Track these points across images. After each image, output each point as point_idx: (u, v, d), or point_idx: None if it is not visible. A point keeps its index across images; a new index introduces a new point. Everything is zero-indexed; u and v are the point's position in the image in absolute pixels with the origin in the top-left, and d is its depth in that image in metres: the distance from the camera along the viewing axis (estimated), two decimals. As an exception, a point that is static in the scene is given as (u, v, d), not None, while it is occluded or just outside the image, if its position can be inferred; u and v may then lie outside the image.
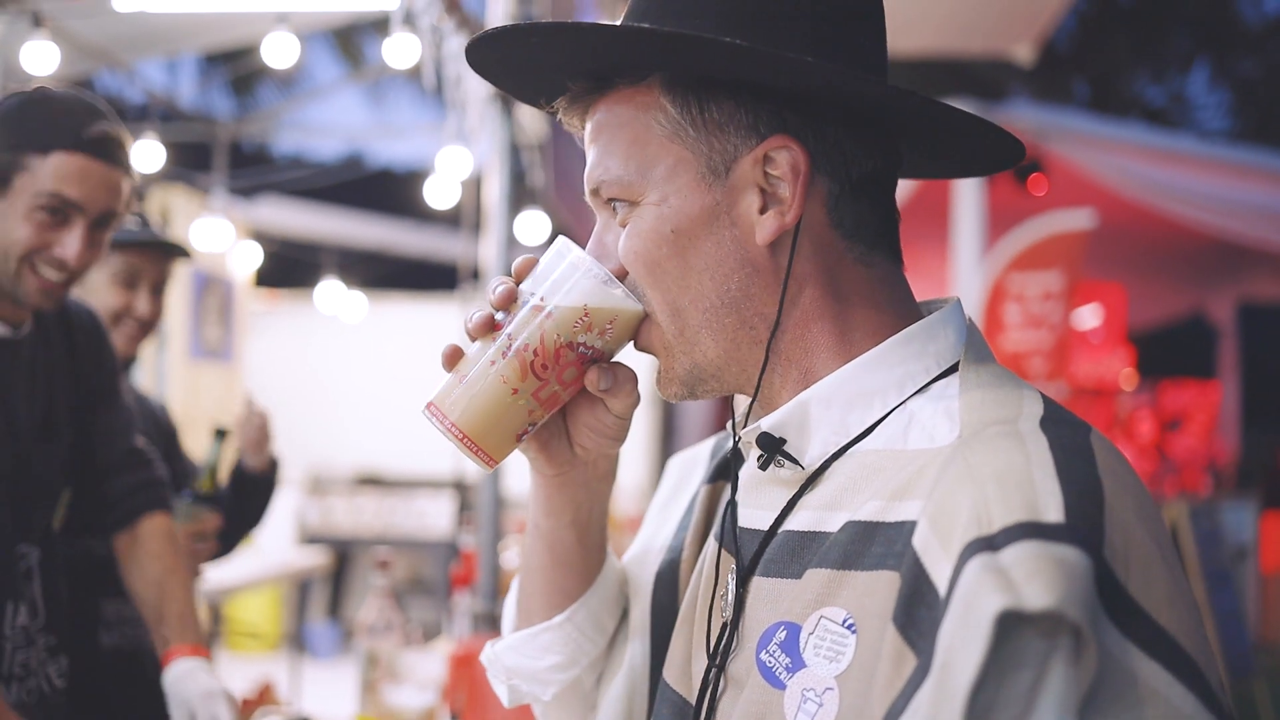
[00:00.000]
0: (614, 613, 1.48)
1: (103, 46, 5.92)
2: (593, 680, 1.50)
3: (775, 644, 1.11)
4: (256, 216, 9.16)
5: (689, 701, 1.26)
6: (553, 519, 1.40)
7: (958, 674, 0.89)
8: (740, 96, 1.16)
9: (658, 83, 1.19)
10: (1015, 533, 0.93)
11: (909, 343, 1.19)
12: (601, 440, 1.31)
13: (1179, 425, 10.64)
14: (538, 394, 1.22)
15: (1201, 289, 11.39)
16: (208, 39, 6.99)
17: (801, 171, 1.15)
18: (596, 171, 1.23)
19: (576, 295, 1.20)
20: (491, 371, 1.21)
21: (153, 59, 8.56)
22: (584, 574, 1.45)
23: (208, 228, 7.34)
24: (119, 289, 3.24)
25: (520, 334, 1.21)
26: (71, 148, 2.26)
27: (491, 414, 1.21)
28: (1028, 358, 7.69)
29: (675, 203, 1.18)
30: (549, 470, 1.35)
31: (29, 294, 2.29)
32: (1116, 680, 0.91)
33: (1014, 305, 7.75)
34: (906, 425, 1.15)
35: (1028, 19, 7.03)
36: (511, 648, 1.49)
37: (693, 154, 1.17)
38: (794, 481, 1.20)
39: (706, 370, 1.22)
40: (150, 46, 6.75)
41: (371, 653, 3.30)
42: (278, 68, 4.99)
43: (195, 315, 7.89)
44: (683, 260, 1.18)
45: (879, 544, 1.06)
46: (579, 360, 1.22)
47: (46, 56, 4.50)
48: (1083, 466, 1.00)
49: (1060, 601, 0.88)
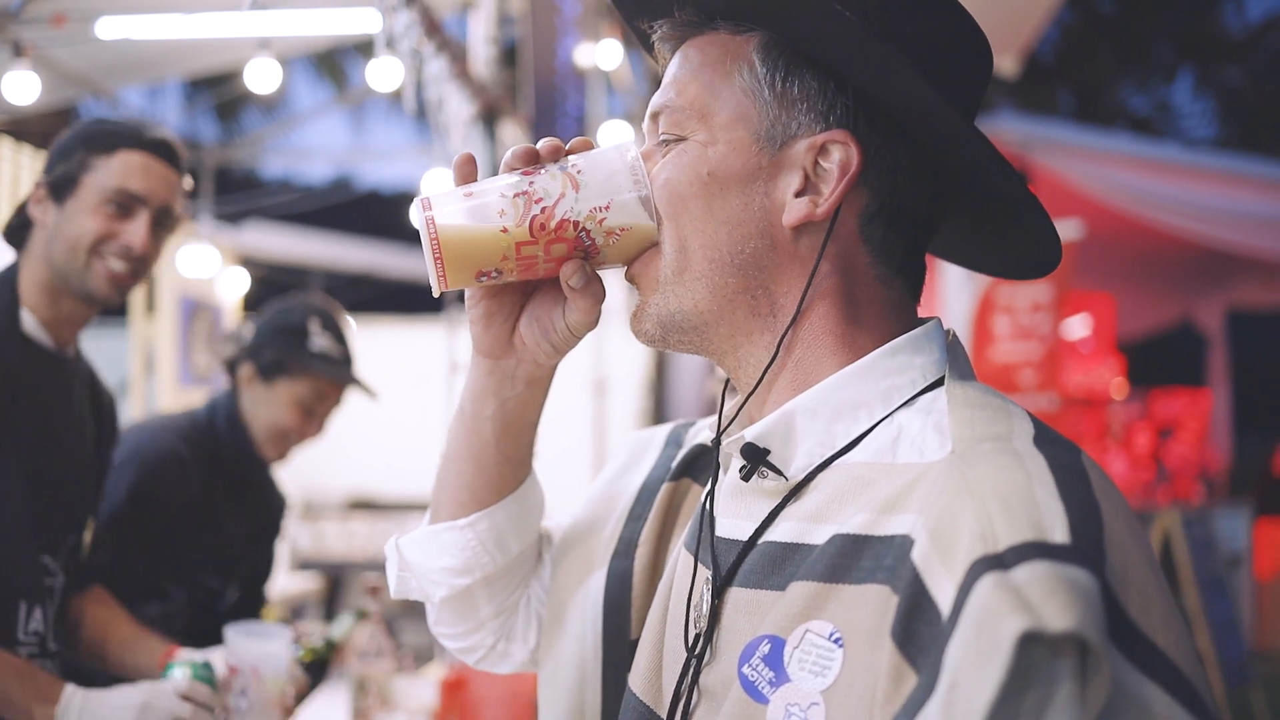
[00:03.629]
0: (520, 537, 1.47)
1: (85, 74, 5.90)
2: (486, 597, 1.49)
3: (758, 657, 1.10)
4: (243, 242, 9.14)
5: (657, 714, 1.25)
6: (475, 405, 1.40)
7: (972, 694, 0.88)
8: (825, 81, 1.17)
9: (756, 38, 1.20)
10: (1024, 552, 0.92)
11: (895, 355, 1.19)
12: (542, 342, 1.32)
13: (1171, 434, 10.63)
14: (520, 247, 1.21)
15: (1190, 297, 11.40)
16: (191, 64, 6.98)
17: (850, 172, 1.16)
18: (665, 96, 1.24)
19: (610, 189, 1.21)
20: (496, 200, 1.21)
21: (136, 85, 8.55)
22: (496, 482, 1.44)
23: (194, 254, 7.32)
24: (297, 411, 3.39)
25: (541, 186, 1.21)
26: (134, 146, 2.45)
27: (473, 237, 1.21)
28: (1018, 369, 7.69)
29: (722, 150, 1.19)
30: (482, 345, 1.35)
31: (97, 284, 2.42)
32: (1120, 704, 0.90)
33: (1003, 317, 7.74)
34: (895, 438, 1.14)
35: (1010, 31, 7.05)
36: (413, 542, 1.49)
37: (758, 115, 1.19)
38: (777, 492, 1.19)
39: (689, 320, 1.22)
40: (133, 73, 6.73)
41: (362, 679, 3.27)
42: (260, 93, 4.98)
43: (184, 342, 7.86)
44: (708, 205, 1.19)
45: (868, 557, 1.05)
46: (573, 244, 1.22)
47: (28, 86, 4.48)
48: (1080, 487, 1.00)
49: (1080, 623, 0.87)
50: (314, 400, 3.39)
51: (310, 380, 3.36)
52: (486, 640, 1.52)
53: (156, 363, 7.81)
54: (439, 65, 4.08)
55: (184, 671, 2.37)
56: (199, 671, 2.38)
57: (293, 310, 3.48)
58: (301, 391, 3.37)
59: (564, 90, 6.27)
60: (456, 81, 4.29)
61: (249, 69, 4.70)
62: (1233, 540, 8.44)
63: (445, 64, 4.13)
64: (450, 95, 4.25)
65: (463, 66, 4.33)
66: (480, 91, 4.46)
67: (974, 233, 1.32)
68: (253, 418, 3.38)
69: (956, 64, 1.21)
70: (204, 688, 2.33)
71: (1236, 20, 20.18)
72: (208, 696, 2.31)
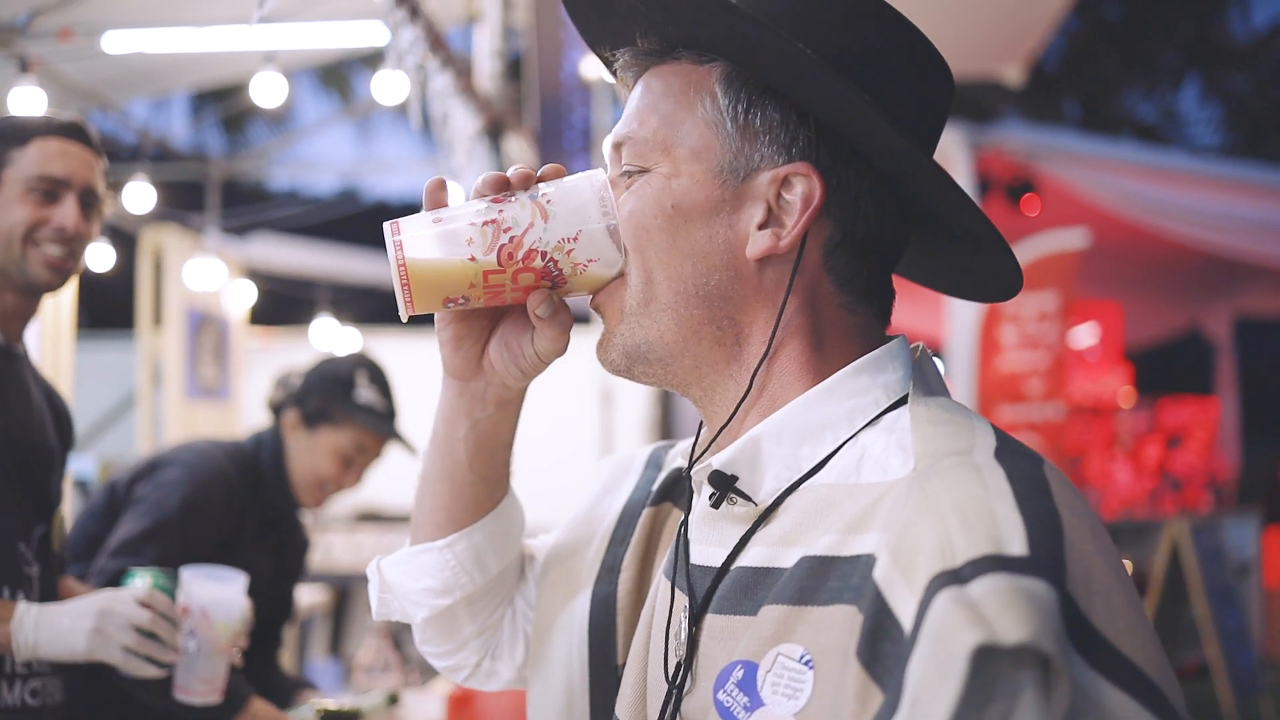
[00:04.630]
0: (500, 556, 1.47)
1: (92, 87, 5.91)
2: (469, 616, 1.49)
3: (733, 683, 1.11)
4: (250, 254, 9.14)
5: None
6: (447, 427, 1.41)
7: (932, 710, 0.88)
8: (787, 113, 1.18)
9: (719, 69, 1.20)
10: (981, 565, 0.92)
11: (857, 376, 1.19)
12: (510, 366, 1.32)
13: (1179, 442, 10.62)
14: (488, 276, 1.21)
15: (1197, 305, 11.39)
16: (197, 77, 7.00)
17: (813, 205, 1.16)
18: (628, 127, 1.24)
19: (579, 219, 1.21)
20: (465, 228, 1.21)
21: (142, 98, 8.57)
22: (472, 502, 1.44)
23: (202, 267, 7.33)
24: (337, 461, 3.43)
25: (511, 215, 1.21)
26: (47, 134, 2.47)
27: (440, 264, 1.21)
28: (1025, 378, 7.68)
29: (685, 183, 1.19)
30: (452, 367, 1.36)
31: (37, 271, 2.43)
32: (1085, 712, 0.90)
33: (1010, 326, 7.74)
34: (859, 459, 1.15)
35: (1016, 40, 7.05)
36: (394, 563, 1.50)
37: (720, 147, 1.19)
38: (747, 518, 1.19)
39: (655, 351, 1.22)
40: (140, 86, 6.75)
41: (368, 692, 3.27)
42: (267, 107, 4.98)
43: (191, 355, 7.86)
44: (672, 237, 1.19)
45: (835, 578, 1.06)
46: (540, 273, 1.22)
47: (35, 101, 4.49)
48: (1040, 498, 1.00)
49: (1035, 635, 0.87)
50: (354, 451, 3.42)
51: (353, 431, 3.39)
52: (471, 659, 1.52)
53: (163, 375, 7.82)
54: (444, 81, 4.08)
55: (144, 580, 2.40)
56: (159, 580, 2.40)
57: (342, 361, 3.53)
58: (343, 442, 3.40)
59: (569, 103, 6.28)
60: (461, 96, 4.29)
61: (255, 83, 4.71)
62: (1241, 549, 8.42)
63: (450, 79, 4.14)
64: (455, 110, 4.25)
65: (468, 81, 4.34)
66: (485, 106, 4.47)
67: (939, 257, 1.33)
68: (294, 464, 3.42)
69: (916, 94, 1.22)
70: (163, 596, 2.36)
71: (1242, 27, 20.16)
72: (167, 606, 2.35)
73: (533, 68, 5.48)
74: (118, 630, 2.28)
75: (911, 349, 1.25)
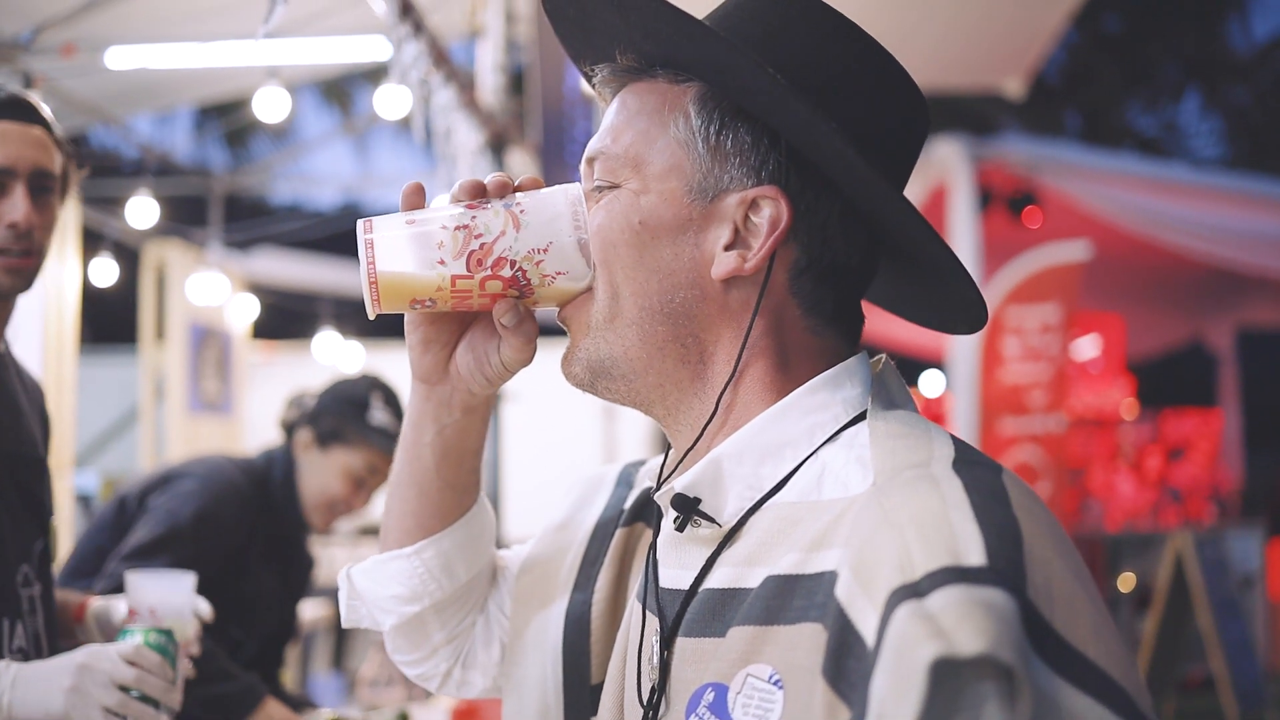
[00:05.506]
0: (469, 564, 1.48)
1: (95, 102, 5.93)
2: (438, 623, 1.49)
3: (704, 706, 1.11)
4: (252, 268, 9.16)
5: None
6: (415, 431, 1.41)
7: None
8: (758, 136, 1.18)
9: (694, 90, 1.21)
10: (939, 578, 0.93)
11: (815, 393, 1.20)
12: (476, 373, 1.33)
13: (1182, 454, 10.61)
14: (456, 280, 1.21)
15: (1199, 317, 11.39)
16: (200, 92, 7.02)
17: (779, 229, 1.17)
18: (600, 142, 1.25)
19: (551, 231, 1.21)
20: (436, 231, 1.22)
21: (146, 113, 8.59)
22: (440, 509, 1.45)
23: (204, 282, 7.34)
24: (348, 481, 3.42)
25: (483, 222, 1.22)
26: None
27: (409, 266, 1.21)
28: (1028, 390, 7.68)
29: (654, 200, 1.20)
30: (419, 370, 1.36)
31: None
32: (1051, 718, 0.90)
33: (1012, 338, 7.74)
34: (820, 475, 1.15)
35: (1017, 53, 7.06)
36: (363, 571, 1.50)
37: (691, 166, 1.19)
38: (712, 539, 1.20)
39: (619, 367, 1.23)
40: (143, 101, 6.78)
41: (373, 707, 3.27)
42: (270, 122, 4.99)
43: (194, 369, 7.87)
44: (639, 254, 1.20)
45: (800, 596, 1.06)
46: (509, 282, 1.22)
47: (38, 116, 4.50)
48: (998, 507, 1.01)
49: (992, 645, 0.88)
50: (366, 472, 3.43)
51: (366, 452, 3.39)
52: (440, 666, 1.52)
53: (166, 390, 7.83)
54: (447, 95, 4.09)
55: (136, 638, 2.14)
56: (150, 638, 2.15)
57: (356, 382, 3.53)
58: (355, 462, 3.41)
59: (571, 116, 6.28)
60: (464, 110, 4.30)
61: (258, 98, 4.72)
62: (1246, 561, 8.40)
63: (453, 93, 4.15)
64: (458, 124, 4.26)
65: (471, 95, 4.35)
66: (488, 120, 4.48)
67: (908, 286, 1.34)
68: (305, 483, 3.42)
69: (887, 123, 1.23)
70: (153, 654, 2.09)
71: (1243, 39, 20.17)
72: (157, 664, 2.08)
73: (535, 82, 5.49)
74: (98, 689, 2.01)
75: (873, 361, 1.26)
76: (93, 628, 2.46)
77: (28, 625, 2.27)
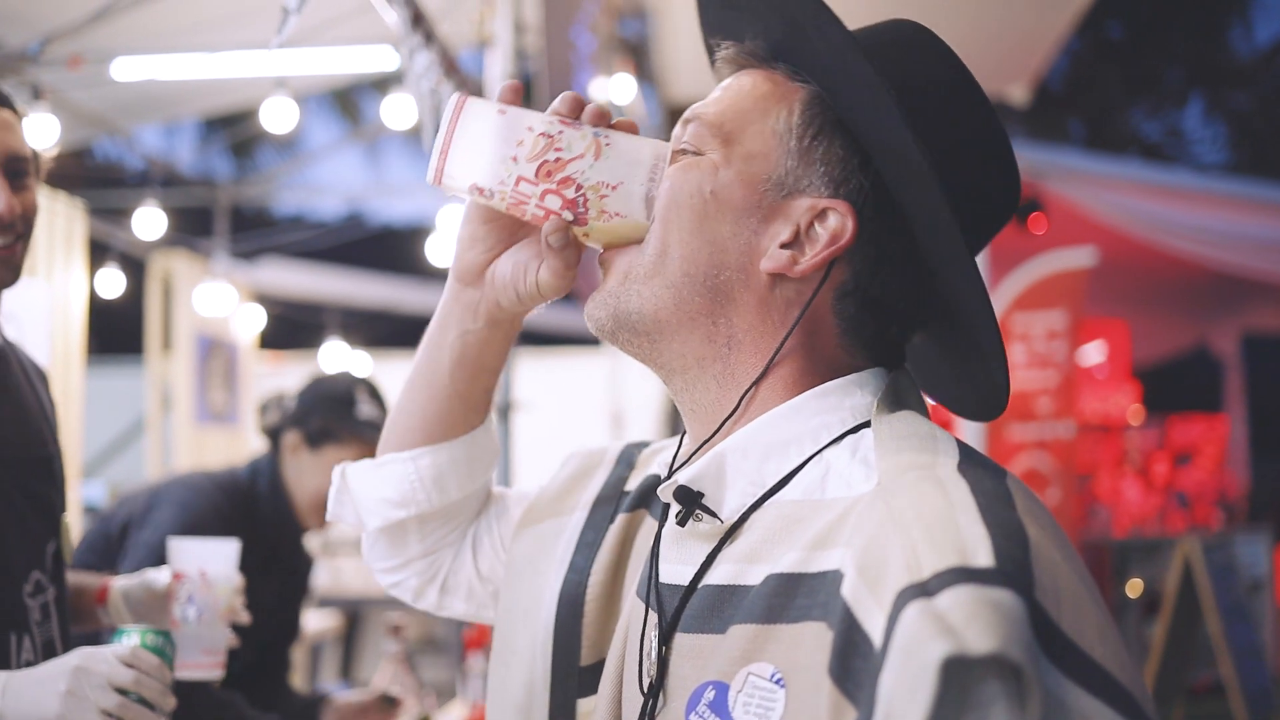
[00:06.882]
0: (461, 484, 1.49)
1: (101, 114, 5.95)
2: (418, 535, 1.51)
3: (704, 704, 1.11)
4: (259, 279, 9.16)
5: None
6: (439, 331, 1.44)
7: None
8: (850, 154, 1.20)
9: (805, 91, 1.23)
10: (948, 578, 0.93)
11: (825, 396, 1.21)
12: (509, 286, 1.34)
13: (1188, 460, 10.60)
14: (520, 182, 1.23)
15: (1204, 322, 11.38)
16: (207, 103, 7.03)
17: (838, 244, 1.18)
18: (704, 108, 1.26)
19: (626, 174, 1.23)
20: (522, 129, 1.24)
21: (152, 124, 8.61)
22: (446, 416, 1.47)
23: (210, 292, 7.35)
24: None
25: (568, 139, 1.24)
26: None
27: (483, 150, 1.23)
28: (1035, 397, 7.68)
29: (731, 177, 1.21)
30: (458, 266, 1.39)
31: None
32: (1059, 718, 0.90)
33: (1019, 345, 7.73)
34: (824, 475, 1.16)
35: (1020, 60, 7.07)
36: (359, 470, 1.52)
37: (777, 158, 1.21)
38: (713, 535, 1.20)
39: (645, 323, 1.24)
40: (149, 112, 6.79)
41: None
42: (277, 132, 5.01)
43: (200, 380, 7.88)
44: (700, 221, 1.21)
45: (802, 595, 1.07)
46: (567, 203, 1.24)
47: (47, 129, 4.52)
48: (1004, 510, 1.01)
49: (1003, 644, 0.88)
50: None
51: (358, 447, 3.38)
52: (412, 581, 1.54)
53: (173, 400, 7.84)
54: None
55: (132, 639, 2.08)
56: (147, 639, 2.09)
57: (337, 379, 3.52)
58: (348, 458, 3.37)
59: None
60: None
61: (266, 108, 4.74)
62: (1253, 566, 8.39)
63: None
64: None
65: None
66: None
67: (936, 359, 1.35)
68: (296, 486, 3.40)
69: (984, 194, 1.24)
70: (151, 656, 2.03)
71: (1245, 45, 20.17)
72: (155, 666, 2.01)
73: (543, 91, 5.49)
74: (94, 691, 1.94)
75: (893, 378, 1.26)
76: (120, 607, 2.42)
77: (39, 634, 2.23)
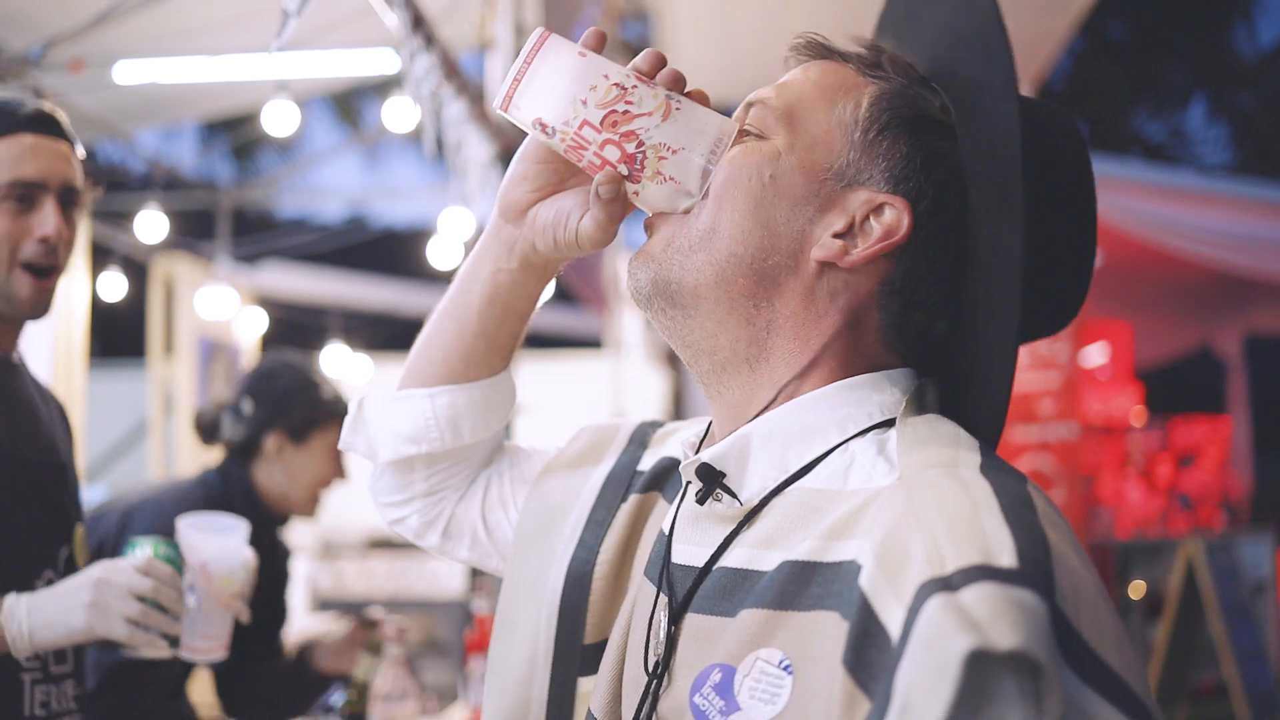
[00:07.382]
0: (475, 428, 1.49)
1: (103, 117, 5.94)
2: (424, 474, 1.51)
3: (710, 686, 1.11)
4: (261, 282, 9.16)
5: None
6: (474, 265, 1.44)
7: (924, 715, 0.88)
8: (914, 154, 1.20)
9: (876, 87, 1.23)
10: (972, 574, 0.92)
11: (854, 389, 1.21)
12: (549, 229, 1.34)
13: (1191, 461, 10.59)
14: (584, 125, 1.24)
15: (1207, 323, 11.36)
16: (208, 106, 7.02)
17: (891, 239, 1.18)
18: (771, 92, 1.26)
19: (689, 142, 1.23)
20: (597, 75, 1.24)
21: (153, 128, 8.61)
22: (469, 355, 1.47)
23: (213, 295, 7.35)
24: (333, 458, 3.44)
25: (641, 94, 1.24)
26: (12, 130, 2.20)
27: (557, 89, 1.24)
28: (1037, 399, 7.67)
29: (793, 163, 1.21)
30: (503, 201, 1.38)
31: (22, 292, 2.22)
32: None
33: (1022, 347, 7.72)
34: (848, 466, 1.16)
35: (1023, 61, 7.05)
36: (377, 401, 1.52)
37: (840, 149, 1.21)
38: (732, 517, 1.20)
39: (684, 296, 1.23)
40: (150, 115, 6.78)
41: (387, 721, 3.26)
42: (279, 135, 5.00)
43: (202, 383, 7.87)
44: (755, 203, 1.21)
45: (817, 584, 1.06)
46: (625, 157, 1.24)
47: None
48: (1026, 513, 1.01)
49: (1026, 642, 0.88)
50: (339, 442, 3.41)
51: (337, 424, 3.37)
52: (413, 520, 1.54)
53: (175, 404, 7.84)
54: (458, 108, 4.09)
55: (145, 550, 2.23)
56: (160, 549, 2.24)
57: (286, 369, 3.51)
58: (333, 439, 3.40)
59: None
60: (475, 123, 4.31)
61: (267, 111, 4.73)
62: (1257, 568, 8.38)
63: (464, 106, 4.15)
64: (469, 137, 4.27)
65: (481, 108, 4.36)
66: (499, 133, 4.48)
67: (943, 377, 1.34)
68: (293, 480, 3.40)
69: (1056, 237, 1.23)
70: (165, 566, 2.17)
71: (1249, 45, 20.15)
72: (170, 575, 2.15)
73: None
74: (117, 600, 2.07)
75: (920, 383, 1.25)
76: None
77: None
